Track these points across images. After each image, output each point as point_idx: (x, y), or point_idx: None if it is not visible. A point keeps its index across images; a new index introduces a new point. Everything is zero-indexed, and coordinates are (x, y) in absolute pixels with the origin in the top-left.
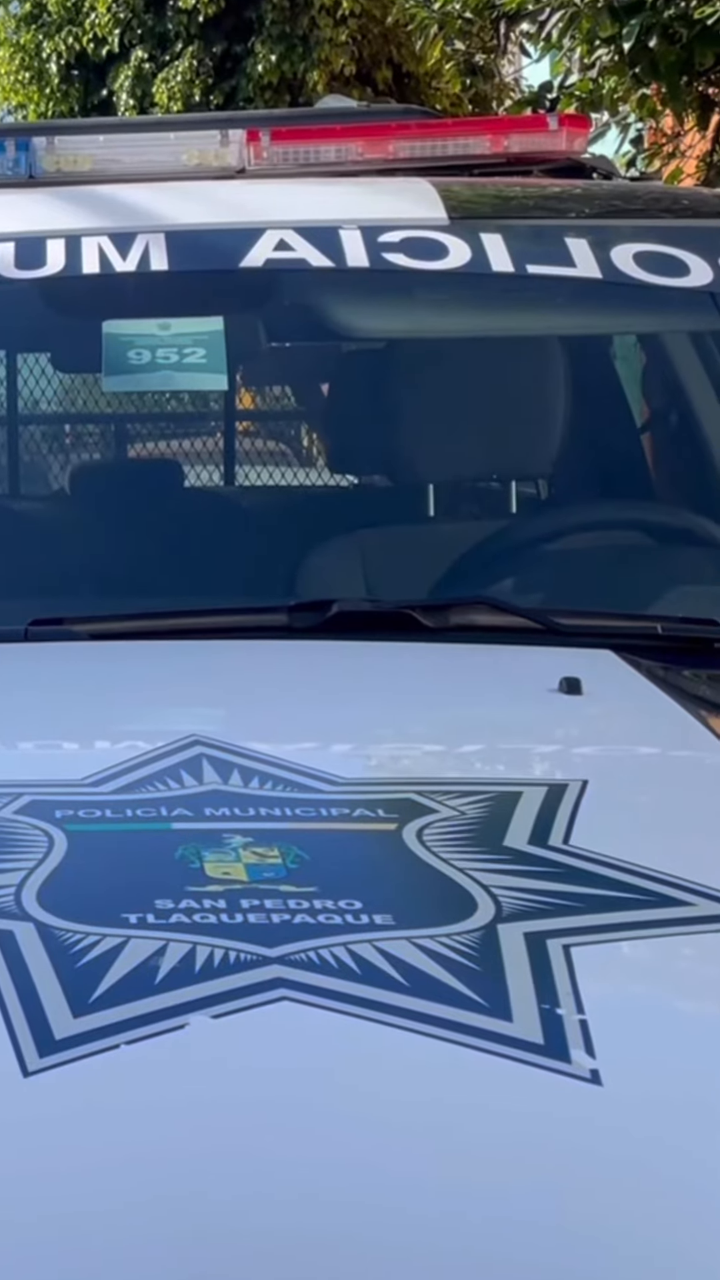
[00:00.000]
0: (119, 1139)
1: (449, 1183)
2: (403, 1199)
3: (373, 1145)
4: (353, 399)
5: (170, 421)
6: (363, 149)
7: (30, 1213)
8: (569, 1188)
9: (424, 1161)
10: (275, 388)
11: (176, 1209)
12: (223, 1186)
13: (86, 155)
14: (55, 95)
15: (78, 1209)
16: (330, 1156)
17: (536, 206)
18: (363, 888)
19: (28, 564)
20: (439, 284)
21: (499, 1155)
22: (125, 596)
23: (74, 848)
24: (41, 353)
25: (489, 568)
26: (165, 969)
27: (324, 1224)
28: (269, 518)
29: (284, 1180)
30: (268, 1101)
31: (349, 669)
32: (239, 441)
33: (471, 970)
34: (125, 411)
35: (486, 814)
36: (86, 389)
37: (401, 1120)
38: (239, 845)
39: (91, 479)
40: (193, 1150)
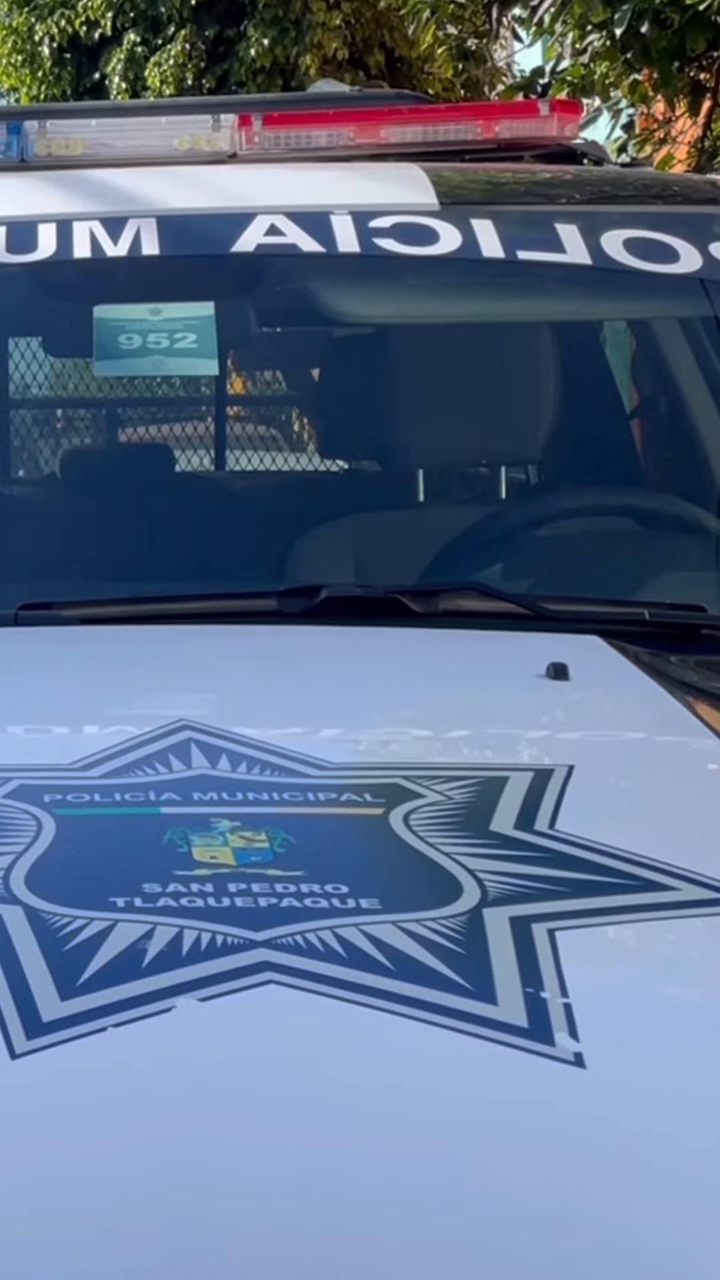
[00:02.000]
0: (107, 1121)
1: (433, 1167)
2: (387, 1183)
3: (358, 1130)
4: (343, 384)
5: (160, 406)
6: (354, 134)
7: (18, 1194)
8: (553, 1171)
9: (409, 1146)
10: (265, 372)
11: (165, 1192)
12: (211, 1170)
13: (78, 139)
14: (48, 78)
15: (66, 1191)
16: (316, 1141)
17: (527, 192)
18: (349, 872)
19: (17, 548)
20: (429, 269)
21: (483, 1139)
22: (115, 581)
23: (62, 832)
24: (32, 337)
25: (478, 553)
26: (153, 952)
27: (308, 1208)
28: (260, 503)
29: (271, 1164)
30: (254, 1085)
31: (338, 654)
32: (229, 426)
33: (457, 954)
34: (115, 396)
35: (473, 799)
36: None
37: (386, 1104)
38: (227, 829)
39: (82, 463)
40: (180, 1133)
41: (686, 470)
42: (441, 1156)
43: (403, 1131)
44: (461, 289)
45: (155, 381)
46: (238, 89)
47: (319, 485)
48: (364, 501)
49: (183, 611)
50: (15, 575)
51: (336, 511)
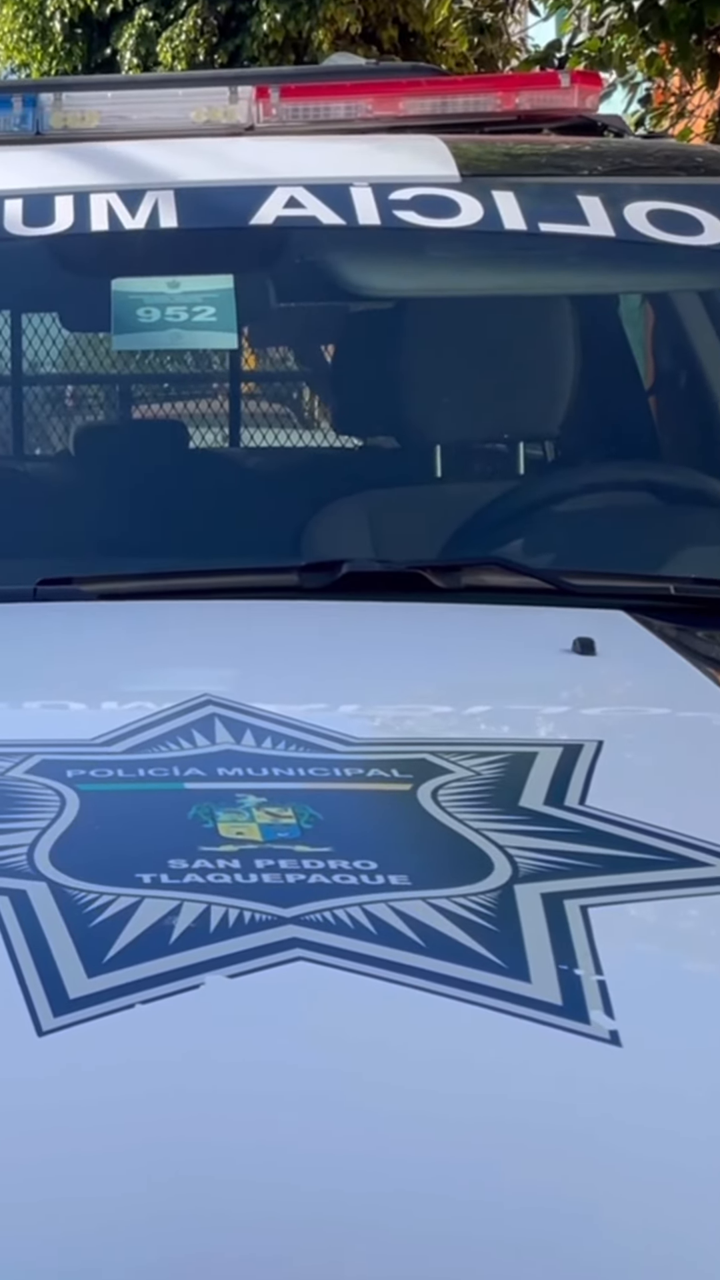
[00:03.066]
0: (134, 1098)
1: (468, 1145)
2: (420, 1162)
3: (390, 1108)
4: (359, 359)
5: (173, 383)
6: (372, 106)
7: (45, 1170)
8: (590, 1149)
9: (442, 1124)
10: (276, 349)
11: (191, 1169)
12: (239, 1148)
13: (94, 112)
14: (59, 54)
15: (94, 1168)
16: (347, 1119)
17: (549, 164)
18: (378, 848)
19: (34, 524)
20: (451, 242)
21: (520, 1117)
22: (133, 557)
23: (86, 807)
24: (49, 311)
25: (498, 529)
26: (180, 929)
27: (340, 1186)
28: (277, 479)
29: (300, 1142)
30: (283, 1062)
31: (361, 629)
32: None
33: (489, 931)
34: (128, 372)
35: (502, 774)
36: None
37: (420, 1082)
38: (253, 805)
39: (98, 439)
40: (210, 1110)
41: (707, 444)
42: (476, 1135)
43: (437, 1110)
44: (483, 262)
45: (166, 358)
46: (249, 64)
47: (336, 461)
48: (382, 477)
49: (203, 587)
50: (31, 551)
51: (354, 487)
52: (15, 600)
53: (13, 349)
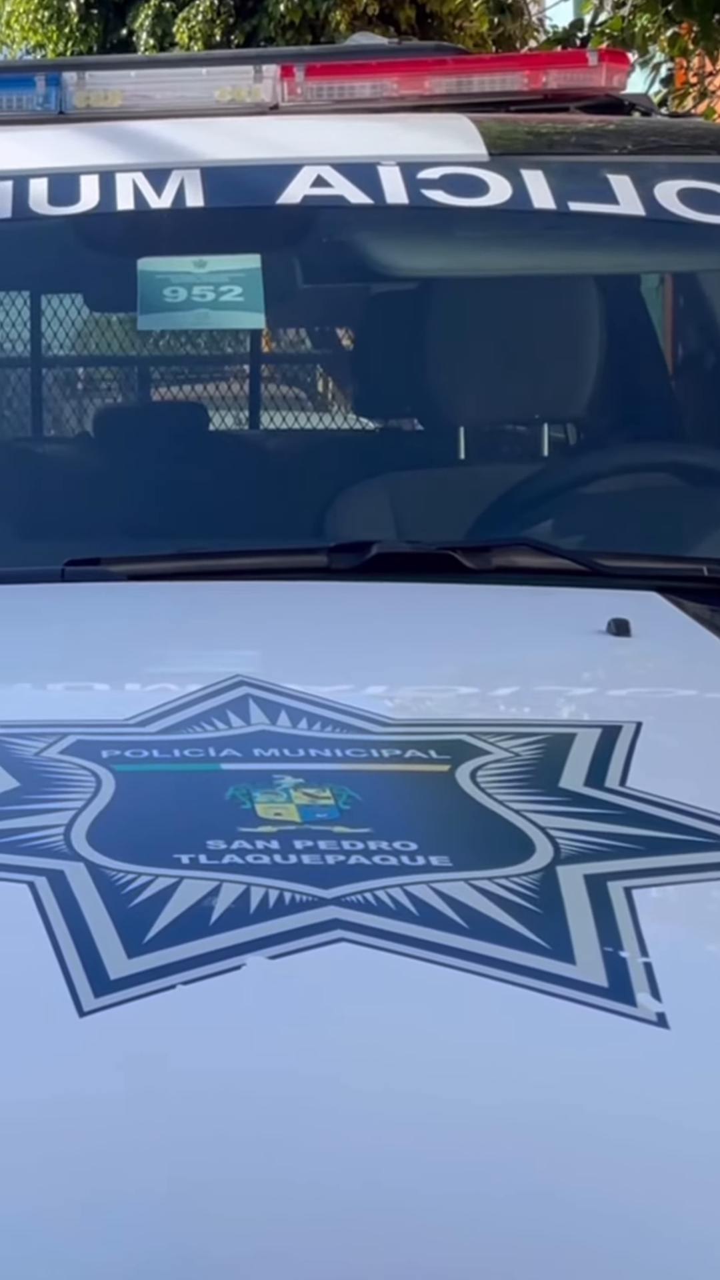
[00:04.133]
0: (176, 1079)
1: (516, 1125)
2: (466, 1144)
3: (434, 1089)
4: (382, 341)
5: (190, 365)
6: (398, 85)
7: (85, 1148)
8: (640, 1131)
9: (490, 1104)
10: (290, 331)
11: (235, 1149)
12: (283, 1127)
13: (117, 91)
14: (74, 34)
15: (135, 1148)
16: (394, 1099)
17: (578, 143)
18: (418, 829)
19: (58, 505)
20: (479, 221)
21: (568, 1099)
22: (159, 538)
23: (122, 788)
24: (75, 292)
25: (525, 510)
26: (220, 910)
27: (380, 1167)
28: (302, 461)
29: (346, 1123)
30: (327, 1043)
31: (392, 610)
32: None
33: (532, 912)
34: (147, 354)
35: (541, 755)
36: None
37: (467, 1062)
38: (290, 786)
39: (119, 421)
40: (253, 1090)
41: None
42: (525, 1116)
43: (483, 1091)
44: (512, 241)
45: (182, 340)
46: (266, 45)
47: (360, 443)
48: (405, 459)
49: (231, 568)
50: (56, 532)
51: (379, 469)
52: (43, 581)
53: (32, 329)
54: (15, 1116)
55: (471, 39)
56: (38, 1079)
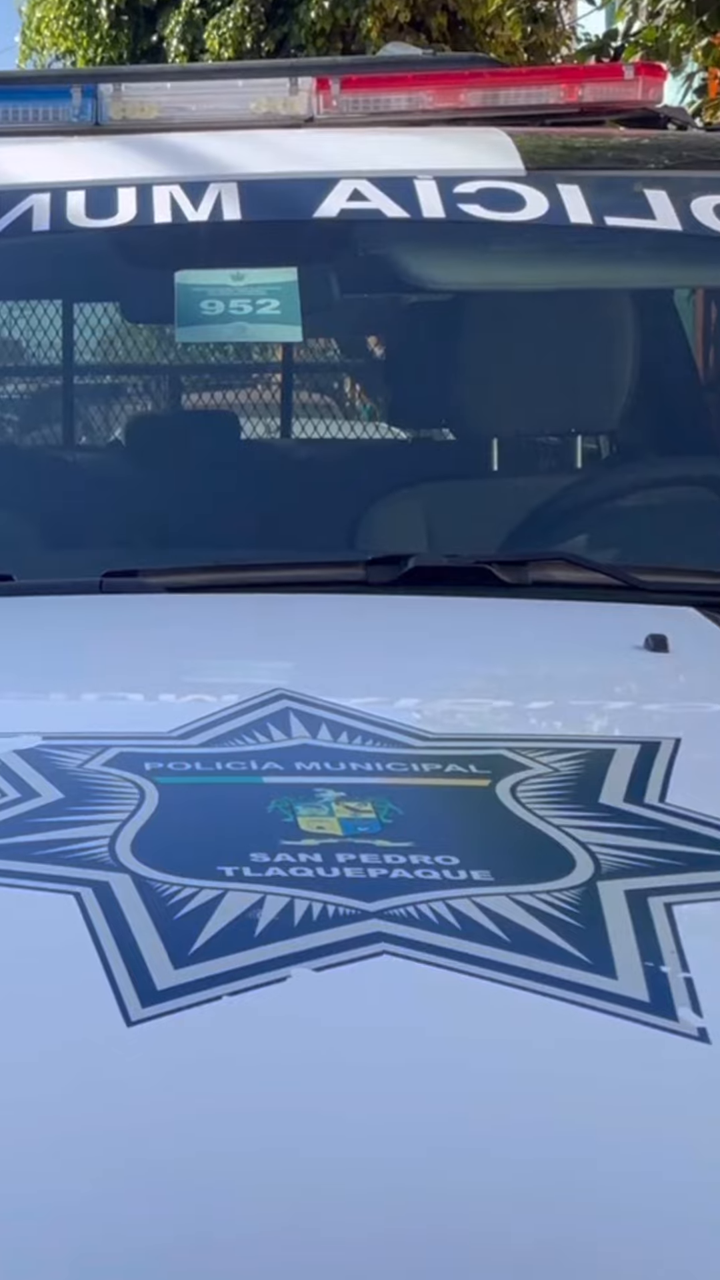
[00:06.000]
0: (222, 1089)
1: (556, 1142)
2: (506, 1160)
3: (475, 1104)
4: (416, 352)
5: (220, 373)
6: (433, 98)
7: (134, 1159)
8: (682, 1146)
9: (529, 1122)
10: (318, 341)
11: (280, 1161)
12: (326, 1140)
13: (153, 103)
14: (105, 41)
15: (181, 1157)
16: (432, 1114)
17: (614, 157)
18: (459, 843)
19: (93, 515)
20: (516, 235)
21: (610, 1113)
22: (192, 548)
23: (165, 800)
24: (111, 302)
25: (560, 524)
26: (264, 922)
27: (423, 1182)
28: (335, 471)
29: (385, 1137)
30: (370, 1056)
31: (430, 623)
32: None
33: (573, 927)
34: (179, 363)
35: (581, 771)
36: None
37: (508, 1075)
38: (332, 800)
39: (151, 430)
40: (297, 1102)
41: None
42: (566, 1130)
43: (524, 1108)
44: (548, 255)
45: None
46: (297, 52)
47: (393, 454)
48: (439, 470)
49: (268, 580)
50: (90, 542)
51: (412, 480)
52: (81, 592)
53: (64, 340)
54: (65, 1126)
55: (503, 46)
56: (87, 1088)
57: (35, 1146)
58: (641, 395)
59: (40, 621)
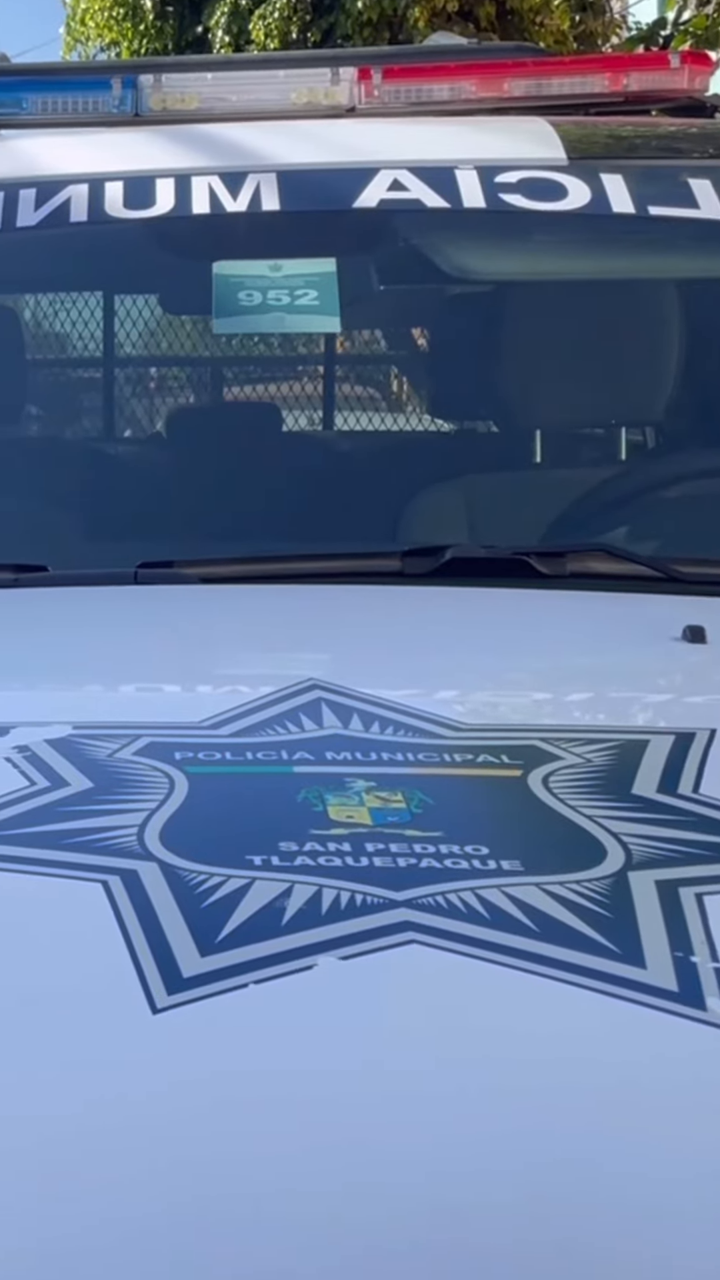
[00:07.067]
0: (248, 1078)
1: (584, 1134)
2: (535, 1150)
3: (504, 1095)
4: (459, 343)
5: (264, 365)
6: (476, 87)
7: (161, 1146)
8: (713, 1135)
9: (558, 1112)
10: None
11: (305, 1151)
12: (355, 1129)
13: (193, 94)
14: (149, 33)
15: (208, 1145)
16: (460, 1104)
17: (658, 146)
18: (489, 833)
19: (131, 506)
20: (558, 225)
21: (642, 1103)
22: (230, 540)
23: (195, 789)
24: (149, 294)
25: (600, 515)
26: (292, 910)
27: (459, 1168)
28: (377, 463)
29: (417, 1124)
30: (400, 1043)
31: (466, 615)
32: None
33: (603, 917)
34: (219, 355)
35: (613, 762)
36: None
37: (537, 1064)
38: (362, 789)
39: (192, 422)
40: (324, 1090)
41: None
42: (593, 1123)
43: (554, 1098)
44: (590, 245)
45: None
46: (343, 43)
47: (435, 445)
48: (481, 462)
49: (304, 571)
50: (129, 534)
51: (454, 472)
52: (116, 583)
53: (104, 331)
54: (90, 1112)
55: (552, 35)
56: (112, 1074)
57: (60, 1132)
58: (685, 386)
59: (74, 612)
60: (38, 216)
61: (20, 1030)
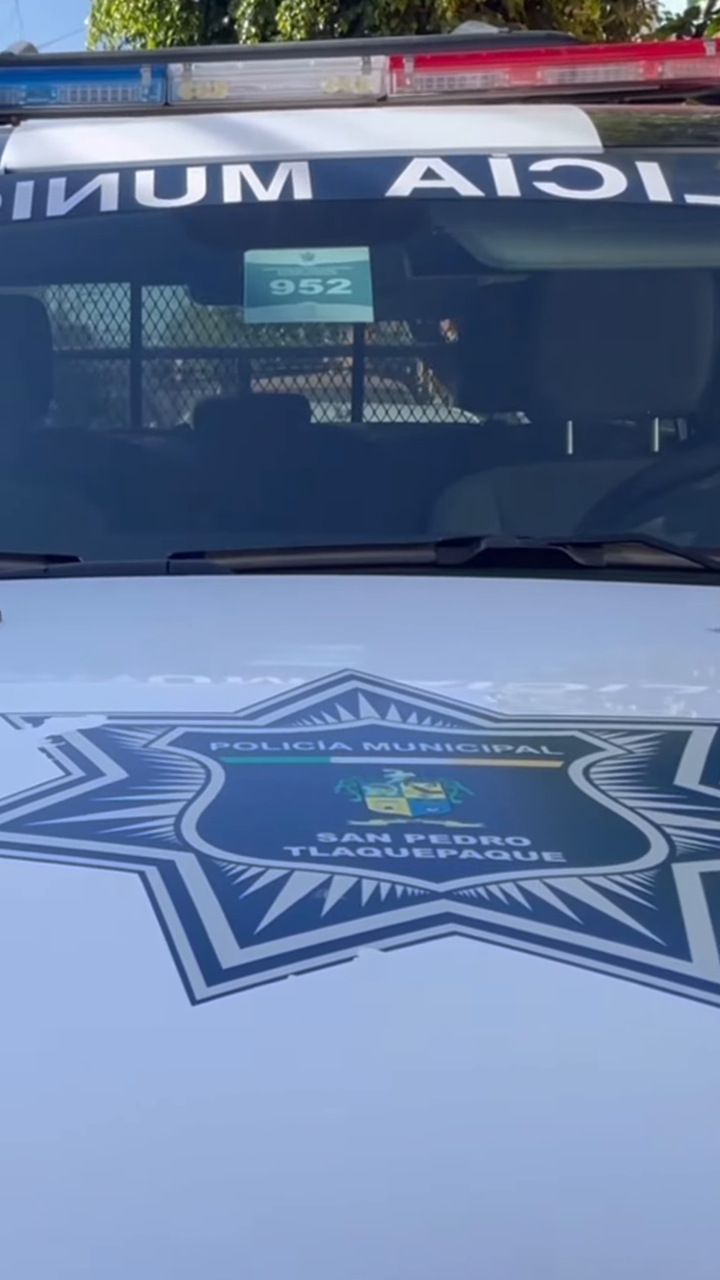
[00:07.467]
0: (288, 1069)
1: (629, 1127)
2: (578, 1143)
3: (552, 1082)
4: (489, 334)
5: (291, 357)
6: (509, 75)
7: (199, 1136)
8: None
9: (605, 1099)
10: (391, 324)
11: (346, 1141)
12: (394, 1120)
13: (223, 82)
14: (175, 24)
15: (247, 1135)
16: (508, 1093)
17: (695, 135)
18: (530, 824)
19: (161, 497)
20: (593, 214)
21: (685, 1095)
22: (261, 531)
23: (231, 780)
24: (179, 284)
25: (634, 506)
26: (331, 901)
27: (491, 1170)
28: (405, 454)
29: (460, 1116)
30: (441, 1035)
31: (502, 605)
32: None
33: (647, 909)
34: (246, 346)
35: (655, 753)
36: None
37: (581, 1057)
38: (401, 780)
39: (220, 413)
40: (366, 1082)
41: None
42: (637, 1118)
43: (601, 1088)
44: (626, 234)
45: (280, 332)
46: (370, 33)
47: (466, 437)
48: (513, 453)
49: (337, 562)
50: (158, 524)
51: (486, 463)
52: (148, 574)
53: (133, 322)
54: (130, 1102)
55: (581, 26)
56: (152, 1066)
57: (99, 1122)
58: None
59: (106, 602)
60: (68, 206)
61: (60, 1022)
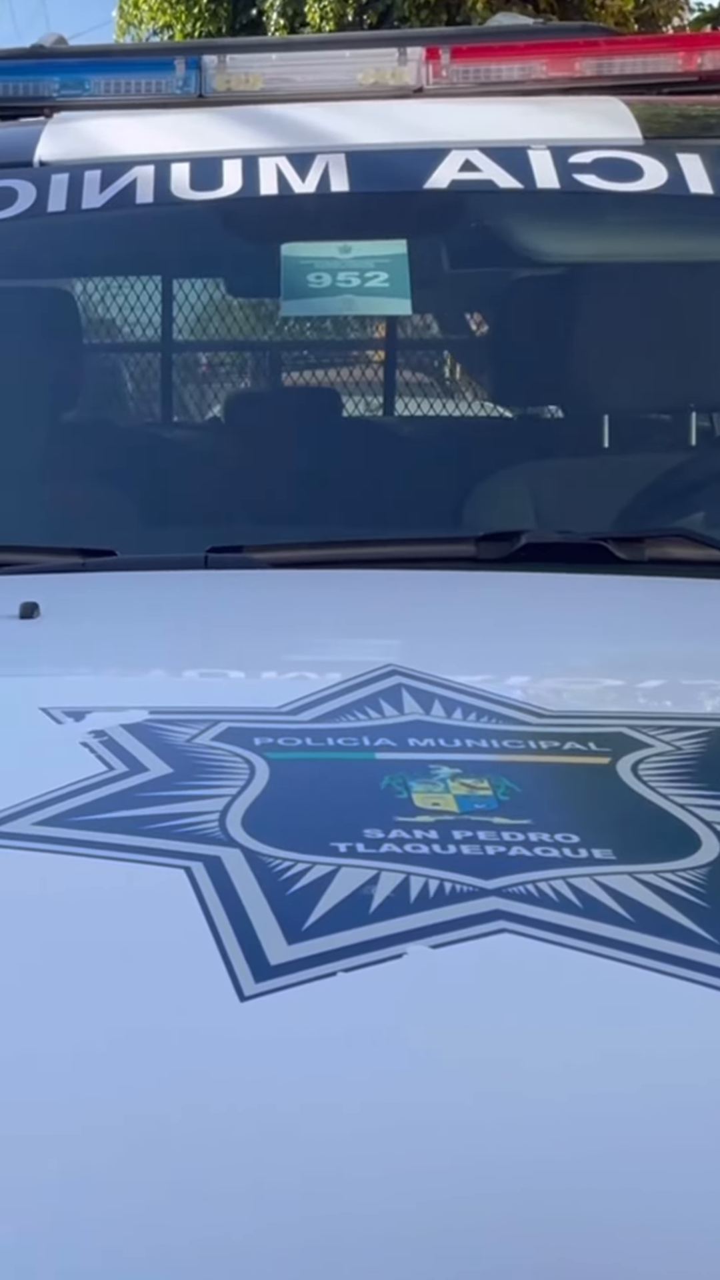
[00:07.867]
0: (338, 1066)
1: (684, 1123)
2: (631, 1138)
3: (603, 1082)
4: (524, 327)
5: (322, 350)
6: (547, 67)
7: (248, 1132)
8: None
9: (658, 1100)
10: (423, 317)
11: (396, 1139)
12: (447, 1116)
13: (257, 74)
14: (203, 15)
15: (295, 1131)
16: (559, 1093)
17: None
18: (579, 821)
19: (196, 491)
20: (633, 206)
21: None
22: (295, 525)
23: (276, 775)
24: (216, 277)
25: (672, 501)
26: (379, 898)
27: (546, 1164)
28: (439, 448)
29: (511, 1115)
30: (493, 1033)
31: (543, 600)
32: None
33: (699, 907)
34: (277, 339)
35: (704, 749)
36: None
37: (633, 1054)
38: (447, 776)
39: (254, 407)
40: (415, 1080)
41: None
42: (694, 1117)
43: (650, 1087)
44: (667, 226)
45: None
46: (400, 24)
47: (502, 431)
48: (548, 447)
49: (377, 556)
50: (195, 518)
51: (520, 457)
52: (186, 568)
53: (163, 315)
54: (179, 1098)
55: (613, 17)
56: (201, 1062)
57: (149, 1116)
58: None
59: (145, 596)
60: (103, 198)
61: (108, 1019)
